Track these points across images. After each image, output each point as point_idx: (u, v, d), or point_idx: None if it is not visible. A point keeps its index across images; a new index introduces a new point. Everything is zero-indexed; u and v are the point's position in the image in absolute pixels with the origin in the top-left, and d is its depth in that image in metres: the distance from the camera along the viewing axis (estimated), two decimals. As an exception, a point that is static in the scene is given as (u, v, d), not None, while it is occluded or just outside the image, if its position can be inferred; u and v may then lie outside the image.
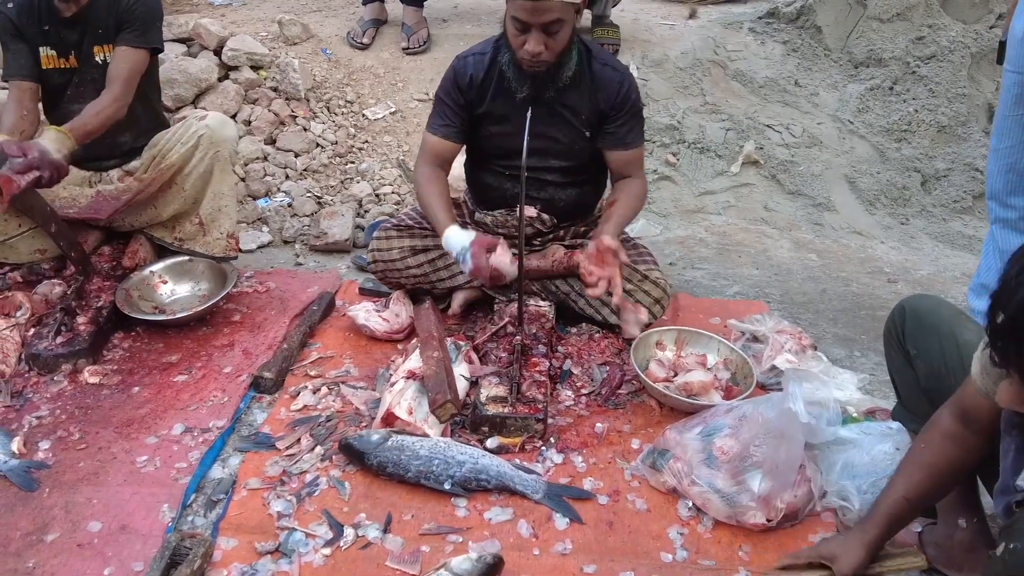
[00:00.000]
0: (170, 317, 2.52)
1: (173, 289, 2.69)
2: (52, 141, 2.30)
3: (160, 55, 2.80)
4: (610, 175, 2.52)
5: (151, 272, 2.68)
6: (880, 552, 1.61)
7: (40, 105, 2.61)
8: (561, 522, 1.82)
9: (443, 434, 2.04)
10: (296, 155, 3.58)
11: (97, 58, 2.56)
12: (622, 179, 2.46)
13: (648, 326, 2.44)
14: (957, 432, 1.51)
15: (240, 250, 2.84)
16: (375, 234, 2.57)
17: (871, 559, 1.59)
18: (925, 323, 1.73)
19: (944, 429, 1.53)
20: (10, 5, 2.49)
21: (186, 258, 2.71)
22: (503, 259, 2.18)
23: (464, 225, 2.47)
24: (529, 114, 2.13)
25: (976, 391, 1.46)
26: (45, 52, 2.54)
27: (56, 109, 2.65)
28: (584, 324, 2.56)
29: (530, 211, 2.47)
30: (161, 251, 2.79)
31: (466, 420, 2.12)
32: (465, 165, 2.68)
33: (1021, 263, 1.17)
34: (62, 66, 2.57)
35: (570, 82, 2.32)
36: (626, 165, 2.44)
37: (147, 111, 2.70)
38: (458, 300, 2.58)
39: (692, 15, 4.49)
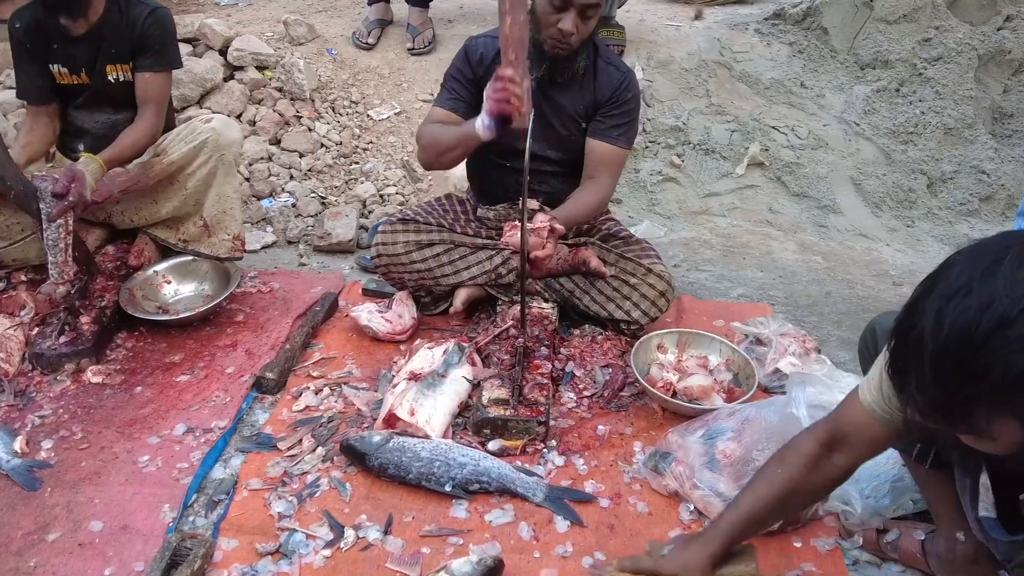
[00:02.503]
0: (173, 317, 2.52)
1: (177, 289, 2.70)
2: (91, 174, 2.37)
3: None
4: (584, 170, 2.45)
5: (155, 272, 2.68)
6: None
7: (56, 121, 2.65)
8: (562, 525, 1.82)
9: (444, 436, 2.04)
10: (301, 155, 3.58)
11: (110, 77, 2.56)
12: (590, 179, 2.42)
13: (653, 321, 2.45)
14: (817, 458, 1.45)
15: (245, 251, 2.84)
16: (380, 228, 2.56)
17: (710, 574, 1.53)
18: None
19: (803, 452, 1.47)
20: (18, 25, 2.50)
21: (190, 258, 2.72)
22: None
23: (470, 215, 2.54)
24: (532, 115, 2.12)
25: (866, 415, 1.39)
26: (57, 69, 2.56)
27: (64, 115, 2.68)
28: (587, 326, 2.55)
29: (532, 203, 2.47)
30: (166, 251, 2.79)
31: (468, 422, 2.12)
32: (466, 162, 2.68)
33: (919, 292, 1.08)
34: (74, 82, 2.58)
35: (575, 75, 2.35)
36: (600, 162, 2.40)
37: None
38: (460, 298, 2.57)
39: (698, 16, 4.48)
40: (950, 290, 1.01)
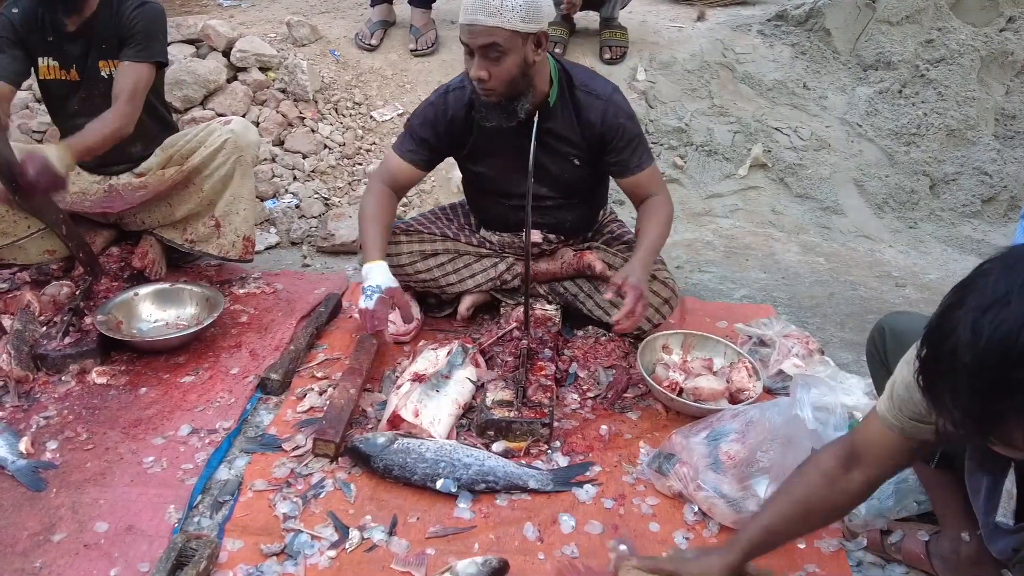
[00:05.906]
0: (150, 340, 2.43)
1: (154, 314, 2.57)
2: (54, 152, 2.27)
3: (168, 57, 2.80)
4: (632, 201, 2.42)
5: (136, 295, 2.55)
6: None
7: (10, 108, 2.59)
8: (567, 526, 1.82)
9: (448, 437, 2.04)
10: (304, 156, 3.59)
11: (103, 73, 2.54)
12: (643, 201, 2.36)
13: (656, 327, 2.45)
14: (835, 473, 1.45)
15: (254, 253, 2.83)
16: None
17: None
18: (905, 342, 1.62)
19: (822, 467, 1.47)
20: (15, 11, 2.47)
21: (167, 285, 2.62)
22: (387, 324, 2.24)
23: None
24: (532, 145, 2.10)
25: (881, 425, 1.39)
26: (46, 63, 2.53)
27: (63, 121, 2.68)
28: (591, 327, 2.56)
29: (536, 235, 2.47)
30: (170, 252, 2.80)
31: (472, 423, 2.12)
32: (464, 187, 2.64)
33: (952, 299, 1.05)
34: (63, 78, 2.56)
35: (553, 110, 2.25)
36: (641, 188, 2.34)
37: (155, 120, 2.71)
38: (465, 304, 2.58)
39: (700, 17, 4.48)
40: (986, 302, 0.98)
